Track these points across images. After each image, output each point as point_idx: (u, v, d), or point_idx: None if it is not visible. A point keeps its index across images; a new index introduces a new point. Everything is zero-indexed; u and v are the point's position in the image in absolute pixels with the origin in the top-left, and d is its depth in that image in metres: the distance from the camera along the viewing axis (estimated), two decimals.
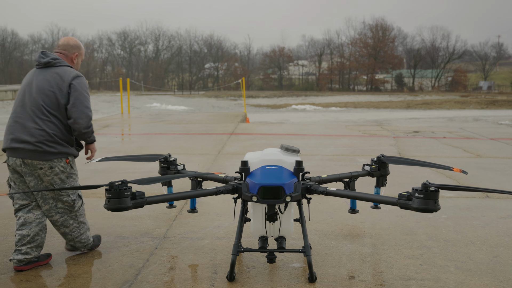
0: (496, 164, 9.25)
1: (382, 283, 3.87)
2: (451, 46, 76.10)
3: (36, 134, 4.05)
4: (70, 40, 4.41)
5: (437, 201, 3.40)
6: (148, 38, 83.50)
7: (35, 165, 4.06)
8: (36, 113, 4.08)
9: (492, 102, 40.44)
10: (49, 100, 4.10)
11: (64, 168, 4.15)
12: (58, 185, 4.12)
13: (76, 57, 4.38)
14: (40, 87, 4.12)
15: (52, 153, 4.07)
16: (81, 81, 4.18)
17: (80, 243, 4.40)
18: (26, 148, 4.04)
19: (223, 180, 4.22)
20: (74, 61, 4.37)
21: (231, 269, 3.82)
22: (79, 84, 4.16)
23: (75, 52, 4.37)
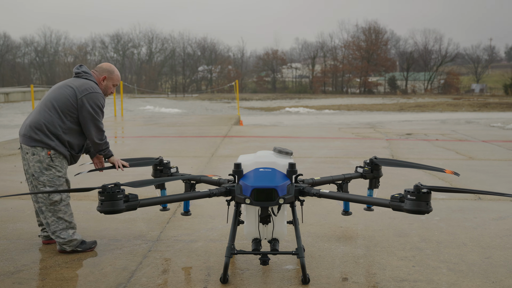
0: (488, 166, 9.30)
1: (375, 284, 3.88)
2: (443, 49, 76.44)
3: (31, 121, 4.39)
4: (105, 64, 4.79)
5: (429, 202, 3.42)
6: (141, 40, 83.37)
7: (24, 149, 4.42)
8: (44, 105, 4.44)
9: (484, 104, 40.63)
10: (60, 98, 4.42)
11: (44, 158, 4.35)
12: (37, 173, 4.36)
13: (103, 79, 4.69)
14: (61, 86, 4.52)
15: (35, 140, 4.34)
16: (94, 96, 4.45)
17: (60, 238, 4.47)
18: (21, 132, 4.45)
19: (217, 183, 4.23)
20: (102, 82, 4.68)
21: (224, 271, 3.82)
22: (91, 100, 4.43)
23: (104, 74, 4.69)
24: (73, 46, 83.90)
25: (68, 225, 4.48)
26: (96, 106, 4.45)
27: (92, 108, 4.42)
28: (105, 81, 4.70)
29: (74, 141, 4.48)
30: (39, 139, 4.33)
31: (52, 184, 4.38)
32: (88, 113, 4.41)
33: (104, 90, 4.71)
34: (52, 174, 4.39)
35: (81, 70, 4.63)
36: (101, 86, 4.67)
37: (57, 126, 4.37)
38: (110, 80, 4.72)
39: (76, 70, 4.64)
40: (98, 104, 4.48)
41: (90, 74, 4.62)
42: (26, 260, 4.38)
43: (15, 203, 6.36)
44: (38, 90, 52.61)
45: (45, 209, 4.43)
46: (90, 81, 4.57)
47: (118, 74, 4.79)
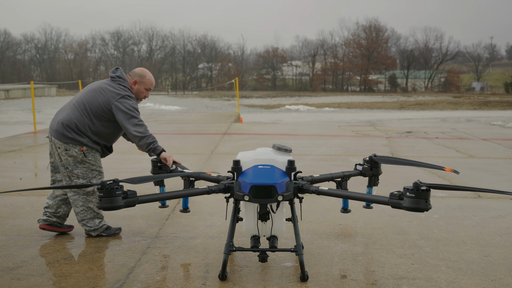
0: (488, 164, 9.30)
1: (374, 282, 3.88)
2: (444, 47, 76.41)
3: (64, 118, 4.66)
4: (138, 69, 4.95)
5: (428, 200, 3.41)
6: (141, 38, 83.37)
7: (56, 143, 4.68)
8: (77, 105, 4.70)
9: (485, 103, 40.62)
10: (93, 102, 4.67)
11: (77, 154, 4.64)
12: (71, 166, 4.65)
13: (135, 83, 4.86)
14: (95, 90, 4.74)
15: (68, 137, 4.62)
16: (123, 100, 4.66)
17: (87, 227, 4.80)
18: (53, 127, 4.71)
19: (216, 180, 4.23)
20: (133, 87, 4.86)
21: (223, 268, 3.82)
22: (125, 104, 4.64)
23: (135, 78, 4.86)
24: (74, 43, 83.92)
25: (95, 215, 4.79)
26: (130, 107, 4.63)
27: (126, 109, 4.61)
28: (136, 85, 4.86)
29: (103, 141, 4.76)
30: (72, 137, 4.61)
31: (85, 177, 4.67)
32: (123, 115, 4.61)
33: (136, 94, 4.87)
34: (86, 167, 4.68)
35: (115, 75, 4.82)
36: (133, 90, 4.85)
37: (87, 127, 4.65)
38: (142, 84, 4.87)
39: (111, 74, 4.86)
40: (131, 105, 4.65)
41: (123, 79, 4.81)
42: (25, 256, 4.38)
43: (15, 199, 6.35)
44: (38, 87, 52.64)
45: (77, 197, 4.71)
46: (123, 86, 4.77)
47: (149, 79, 4.90)
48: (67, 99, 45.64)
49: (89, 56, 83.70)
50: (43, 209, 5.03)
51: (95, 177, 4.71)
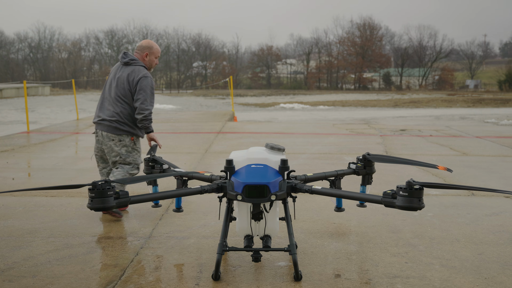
0: (481, 162, 9.31)
1: (368, 281, 3.87)
2: (438, 45, 76.69)
3: (111, 114, 5.31)
4: (144, 42, 5.52)
5: (421, 199, 3.40)
6: (135, 36, 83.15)
7: (109, 137, 5.33)
8: (113, 99, 5.34)
9: (479, 100, 40.74)
10: (124, 91, 5.32)
11: (129, 143, 5.39)
12: (123, 155, 5.35)
13: (146, 56, 5.45)
14: (119, 81, 5.35)
15: (121, 130, 5.32)
16: (145, 81, 5.27)
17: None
18: (104, 123, 5.35)
19: (209, 179, 4.21)
20: (145, 59, 5.46)
21: (216, 268, 3.80)
22: (144, 83, 5.26)
23: (145, 51, 5.44)
24: (67, 42, 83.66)
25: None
26: (148, 87, 5.27)
27: (148, 88, 5.26)
28: (148, 57, 5.45)
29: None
30: (125, 130, 5.32)
31: (136, 163, 5.43)
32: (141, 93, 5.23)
33: (149, 65, 5.47)
34: (136, 154, 5.45)
35: (128, 59, 5.37)
36: (145, 63, 5.44)
37: (131, 116, 5.34)
38: (152, 54, 5.46)
39: (123, 60, 5.38)
40: (151, 85, 5.30)
41: (136, 60, 5.37)
42: (17, 257, 4.35)
43: (7, 200, 6.31)
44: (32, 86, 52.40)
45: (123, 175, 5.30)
46: (139, 66, 5.34)
47: (157, 48, 5.51)
48: (61, 98, 45.48)
49: (83, 55, 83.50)
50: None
51: (141, 162, 5.44)
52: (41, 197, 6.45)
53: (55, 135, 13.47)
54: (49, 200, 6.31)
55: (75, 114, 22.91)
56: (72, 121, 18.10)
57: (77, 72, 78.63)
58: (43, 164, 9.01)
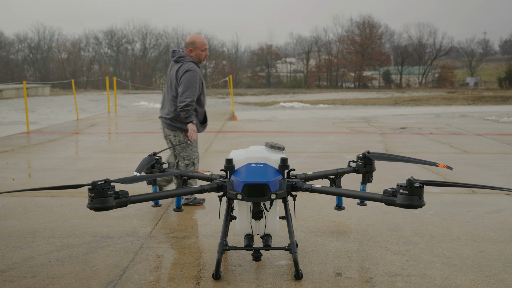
0: (482, 159, 9.30)
1: (369, 279, 3.86)
2: (437, 43, 76.52)
3: (167, 112, 5.76)
4: (188, 38, 5.80)
5: (421, 197, 3.39)
6: (135, 36, 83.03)
7: (166, 132, 5.83)
8: (169, 97, 5.76)
9: (479, 98, 40.70)
10: (175, 89, 5.68)
11: (182, 139, 5.74)
12: (178, 150, 5.74)
13: (191, 51, 5.72)
14: (171, 79, 5.75)
15: (175, 126, 5.72)
16: (188, 75, 5.55)
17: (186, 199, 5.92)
18: (163, 120, 5.86)
19: (208, 178, 4.20)
20: (191, 55, 5.73)
21: (216, 267, 3.80)
22: (186, 77, 5.55)
23: (189, 47, 5.72)
24: (67, 42, 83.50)
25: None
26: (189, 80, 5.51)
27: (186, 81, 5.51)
28: (193, 52, 5.70)
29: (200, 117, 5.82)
30: (178, 126, 5.68)
31: (189, 158, 5.73)
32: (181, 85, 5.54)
33: (197, 59, 5.73)
34: (189, 150, 5.73)
35: (176, 57, 5.70)
36: (193, 58, 5.70)
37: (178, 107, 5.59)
38: (197, 49, 5.71)
39: (172, 59, 5.74)
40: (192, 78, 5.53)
41: (184, 56, 5.68)
42: (17, 258, 4.34)
43: (7, 200, 6.31)
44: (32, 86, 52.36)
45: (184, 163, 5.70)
46: (186, 62, 5.62)
47: (201, 41, 5.71)
48: (61, 98, 45.47)
49: (83, 55, 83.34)
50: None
51: (196, 157, 5.76)
52: (41, 197, 6.45)
53: (55, 136, 13.46)
54: (49, 200, 6.31)
55: (75, 114, 22.90)
56: (72, 121, 18.09)
57: (77, 72, 78.54)
58: (43, 164, 9.01)
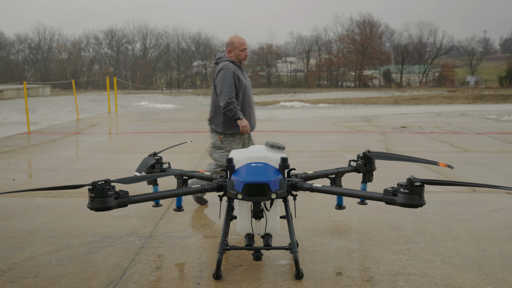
0: (482, 158, 9.30)
1: (369, 279, 3.86)
2: (438, 42, 76.44)
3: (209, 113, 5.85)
4: (228, 39, 5.77)
5: (422, 196, 3.39)
6: (135, 36, 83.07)
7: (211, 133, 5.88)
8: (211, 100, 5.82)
9: (479, 96, 40.65)
10: (214, 91, 5.73)
11: (216, 141, 5.76)
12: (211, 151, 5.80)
13: (230, 52, 5.73)
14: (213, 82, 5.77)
15: (211, 128, 5.81)
16: (221, 73, 5.56)
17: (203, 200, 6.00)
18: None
19: (209, 178, 4.20)
20: (231, 55, 5.73)
21: (217, 267, 3.80)
22: (220, 76, 5.57)
23: (228, 48, 5.75)
24: (67, 42, 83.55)
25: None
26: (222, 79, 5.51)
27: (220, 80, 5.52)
28: (232, 53, 5.70)
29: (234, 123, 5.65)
30: (213, 128, 5.75)
31: (220, 161, 5.68)
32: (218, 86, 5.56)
33: (237, 60, 5.72)
34: (221, 153, 5.69)
35: (216, 59, 5.78)
36: (233, 58, 5.71)
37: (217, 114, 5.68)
38: (235, 49, 5.69)
39: (213, 62, 5.84)
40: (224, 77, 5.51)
41: (221, 57, 5.73)
42: (18, 258, 4.34)
43: (8, 200, 6.31)
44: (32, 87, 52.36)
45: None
46: (222, 62, 5.66)
47: (238, 41, 5.68)
48: (61, 99, 45.44)
49: (83, 55, 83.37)
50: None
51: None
52: (42, 197, 6.45)
53: (55, 136, 13.47)
54: (49, 200, 6.31)
55: (75, 115, 22.91)
56: (73, 122, 18.10)
57: (77, 73, 78.56)
58: (43, 164, 9.01)
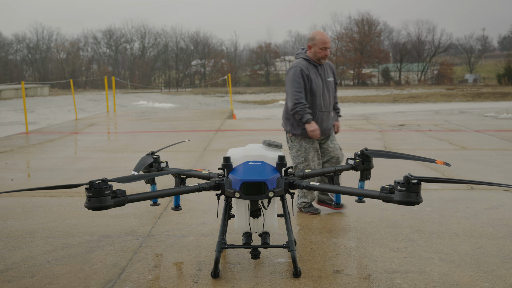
0: (480, 156, 9.31)
1: (367, 276, 3.86)
2: (436, 40, 76.46)
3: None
4: (311, 34, 5.39)
5: (419, 193, 3.40)
6: (133, 35, 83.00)
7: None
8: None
9: (478, 94, 40.70)
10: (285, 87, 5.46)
11: (288, 139, 5.54)
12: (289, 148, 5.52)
13: (309, 48, 5.34)
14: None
15: (283, 127, 5.57)
16: (290, 73, 5.32)
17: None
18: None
19: (206, 177, 4.20)
20: (310, 51, 5.35)
21: (215, 266, 3.80)
22: (288, 76, 5.34)
23: (309, 43, 5.35)
24: (66, 42, 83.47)
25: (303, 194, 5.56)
26: (291, 78, 5.27)
27: (288, 81, 5.30)
28: (311, 49, 5.32)
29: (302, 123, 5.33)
30: (283, 126, 5.55)
31: (294, 161, 5.42)
32: (286, 85, 5.35)
33: (314, 58, 5.33)
34: (293, 152, 5.44)
35: (296, 53, 5.50)
36: (310, 55, 5.35)
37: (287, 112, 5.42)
38: (315, 46, 5.28)
39: (294, 56, 5.58)
40: (292, 76, 5.26)
41: (299, 53, 5.44)
42: (16, 258, 4.35)
43: (6, 200, 6.31)
44: (31, 87, 52.34)
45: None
46: (297, 59, 5.40)
47: (320, 38, 5.27)
48: (60, 98, 45.43)
49: (82, 55, 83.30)
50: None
51: (301, 162, 5.36)
52: (40, 197, 6.45)
53: (54, 136, 13.46)
54: (48, 200, 6.31)
55: (74, 114, 22.90)
56: (71, 121, 18.09)
57: (76, 72, 78.51)
58: (42, 164, 9.01)
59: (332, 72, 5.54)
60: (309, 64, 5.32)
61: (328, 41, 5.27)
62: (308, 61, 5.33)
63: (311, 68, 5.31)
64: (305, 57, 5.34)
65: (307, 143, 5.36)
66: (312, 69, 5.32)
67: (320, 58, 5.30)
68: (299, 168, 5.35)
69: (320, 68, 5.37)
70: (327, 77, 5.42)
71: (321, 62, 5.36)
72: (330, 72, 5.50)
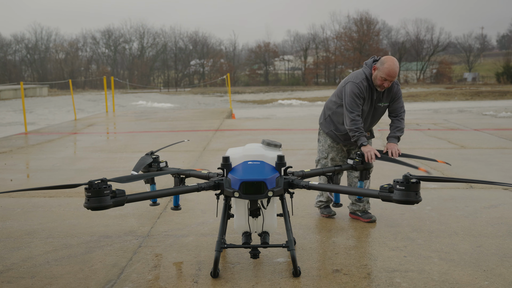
0: (479, 154, 9.31)
1: (367, 275, 3.87)
2: (435, 39, 76.42)
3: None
4: (385, 57, 4.96)
5: (418, 192, 3.40)
6: (132, 35, 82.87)
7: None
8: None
9: (477, 93, 40.70)
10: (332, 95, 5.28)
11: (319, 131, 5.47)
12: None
13: (374, 69, 4.96)
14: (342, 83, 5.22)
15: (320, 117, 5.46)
16: (347, 86, 4.97)
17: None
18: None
19: (206, 177, 4.20)
20: (373, 72, 4.97)
21: (214, 265, 3.80)
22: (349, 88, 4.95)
23: (376, 64, 4.95)
24: (64, 42, 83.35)
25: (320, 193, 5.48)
26: (350, 94, 4.90)
27: (347, 95, 4.92)
28: (375, 71, 4.95)
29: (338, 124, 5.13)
30: (319, 118, 5.40)
31: (319, 154, 5.37)
32: (344, 100, 4.95)
33: (373, 81, 4.96)
34: (320, 146, 5.37)
35: (365, 62, 5.15)
36: (373, 76, 4.98)
37: (330, 108, 5.21)
38: (379, 71, 4.87)
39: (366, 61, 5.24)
40: (352, 92, 4.90)
41: (366, 65, 5.06)
42: (15, 258, 4.34)
43: (5, 201, 6.31)
44: (30, 87, 52.31)
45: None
46: (359, 70, 5.11)
47: (387, 67, 4.79)
48: (59, 99, 45.40)
49: (80, 55, 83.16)
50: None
51: (324, 157, 5.30)
52: (39, 198, 6.45)
53: (53, 136, 13.45)
54: (47, 200, 6.31)
55: (73, 115, 22.89)
56: (70, 122, 18.08)
57: (75, 73, 78.41)
58: (41, 165, 9.00)
59: (388, 96, 5.11)
60: (368, 86, 4.96)
61: (393, 75, 4.81)
62: (368, 82, 4.96)
63: (368, 92, 4.97)
64: (368, 76, 4.96)
65: (332, 142, 5.29)
66: (368, 92, 4.98)
67: (377, 86, 4.93)
68: (321, 163, 5.31)
69: (376, 93, 5.02)
70: (378, 101, 5.08)
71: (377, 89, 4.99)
72: (385, 96, 5.09)
